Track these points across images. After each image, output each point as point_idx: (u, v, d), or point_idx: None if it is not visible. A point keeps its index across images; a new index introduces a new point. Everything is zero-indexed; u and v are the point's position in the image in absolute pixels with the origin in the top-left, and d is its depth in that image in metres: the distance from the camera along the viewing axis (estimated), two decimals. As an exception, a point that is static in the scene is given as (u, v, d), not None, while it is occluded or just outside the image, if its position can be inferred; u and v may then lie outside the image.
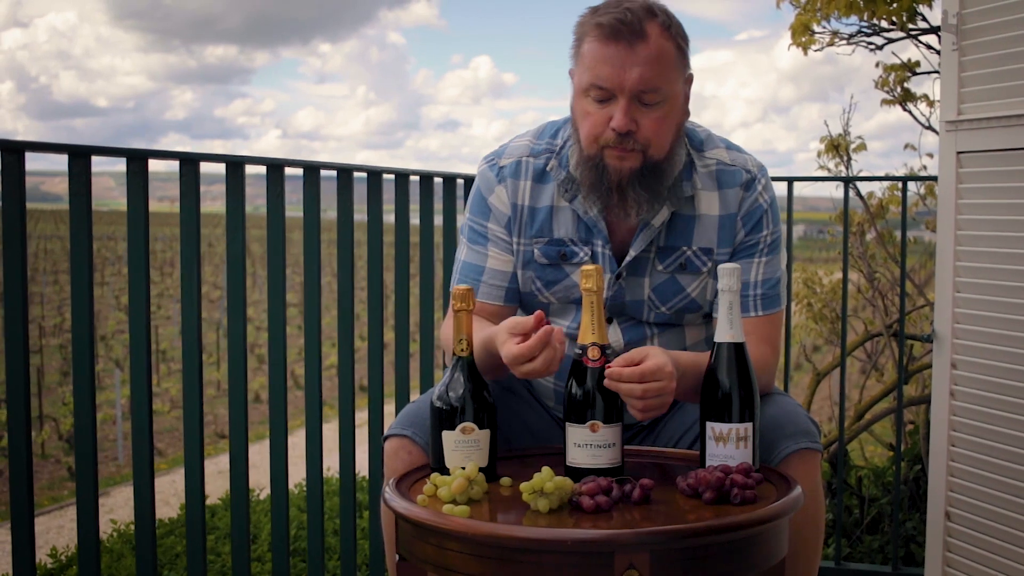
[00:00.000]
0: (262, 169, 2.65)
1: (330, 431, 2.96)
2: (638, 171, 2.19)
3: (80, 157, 2.14)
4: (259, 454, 3.50)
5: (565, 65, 2.27)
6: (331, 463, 3.07)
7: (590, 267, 2.03)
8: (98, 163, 2.19)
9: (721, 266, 2.04)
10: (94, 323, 2.17)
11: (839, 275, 5.40)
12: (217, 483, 5.16)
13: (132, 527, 4.76)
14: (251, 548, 4.23)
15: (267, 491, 4.96)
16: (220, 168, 2.53)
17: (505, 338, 2.05)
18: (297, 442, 4.08)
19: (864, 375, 5.64)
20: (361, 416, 3.11)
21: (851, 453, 4.89)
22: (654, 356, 2.01)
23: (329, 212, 2.93)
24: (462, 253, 2.42)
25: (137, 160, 2.26)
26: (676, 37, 2.17)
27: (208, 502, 4.89)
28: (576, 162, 2.26)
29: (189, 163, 2.40)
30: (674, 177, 2.26)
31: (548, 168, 2.33)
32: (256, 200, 2.93)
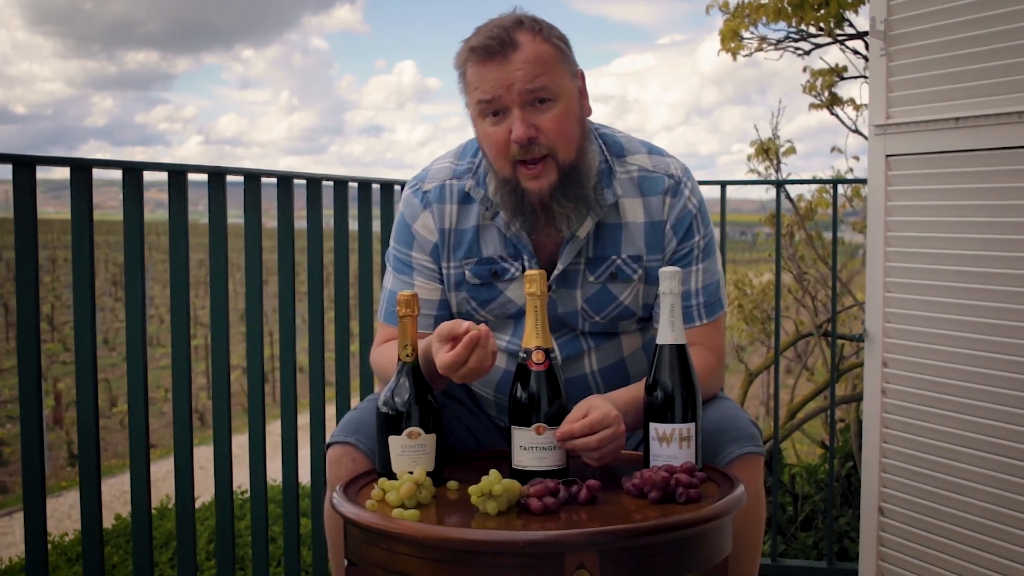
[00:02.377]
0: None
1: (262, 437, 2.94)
2: (557, 184, 2.19)
3: (25, 167, 2.12)
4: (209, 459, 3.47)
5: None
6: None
7: (533, 272, 2.05)
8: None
9: (662, 269, 2.06)
10: (40, 337, 2.15)
11: (768, 276, 5.50)
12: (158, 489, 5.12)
13: (66, 539, 4.71)
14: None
15: (201, 499, 4.92)
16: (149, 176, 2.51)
17: (437, 347, 2.06)
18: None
19: (792, 374, 5.74)
20: (300, 420, 3.11)
21: (783, 451, 4.96)
22: (596, 406, 2.05)
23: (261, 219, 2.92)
24: (388, 282, 2.42)
25: (81, 169, 2.24)
26: (551, 39, 2.19)
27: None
28: (495, 188, 2.26)
29: (132, 172, 2.38)
30: (593, 179, 2.26)
31: (468, 189, 2.33)
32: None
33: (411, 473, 1.97)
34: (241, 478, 2.94)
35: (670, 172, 2.33)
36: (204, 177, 2.64)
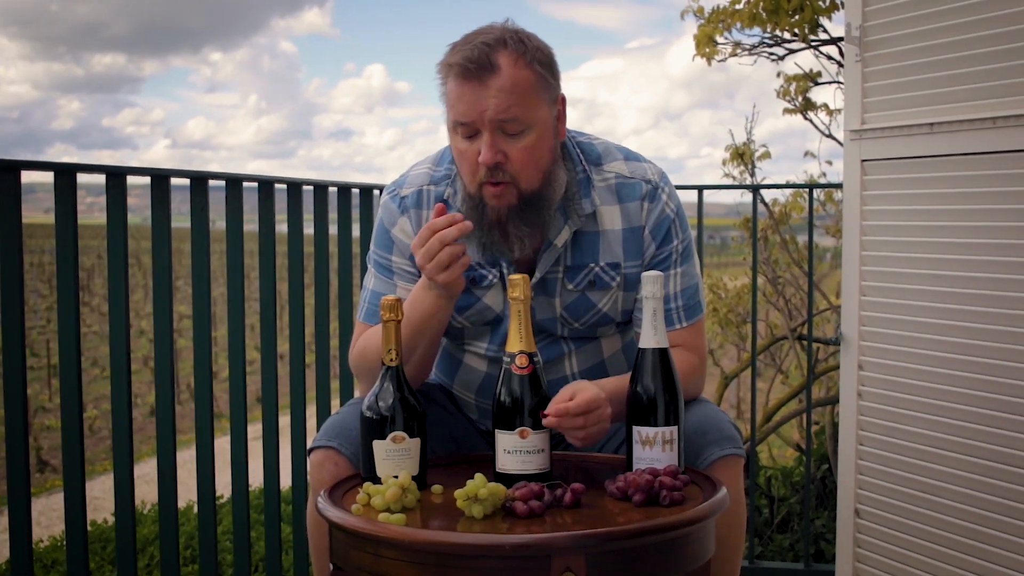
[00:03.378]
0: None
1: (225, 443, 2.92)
2: (516, 207, 2.20)
3: (10, 172, 2.11)
4: (152, 467, 3.45)
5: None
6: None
7: (516, 277, 2.06)
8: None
9: (644, 274, 2.07)
10: (25, 343, 2.14)
11: (742, 280, 5.53)
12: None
13: (40, 545, 4.68)
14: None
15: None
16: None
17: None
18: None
19: (763, 378, 5.77)
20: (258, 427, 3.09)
21: (758, 454, 4.99)
22: (584, 389, 2.07)
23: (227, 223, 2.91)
24: (370, 282, 2.43)
25: (65, 174, 2.24)
26: (533, 64, 2.16)
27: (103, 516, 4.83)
28: (461, 199, 2.28)
29: (116, 177, 2.38)
30: (557, 201, 2.27)
31: (446, 196, 2.34)
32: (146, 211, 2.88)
33: (396, 477, 1.97)
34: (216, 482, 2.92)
35: (647, 177, 2.35)
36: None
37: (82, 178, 2.40)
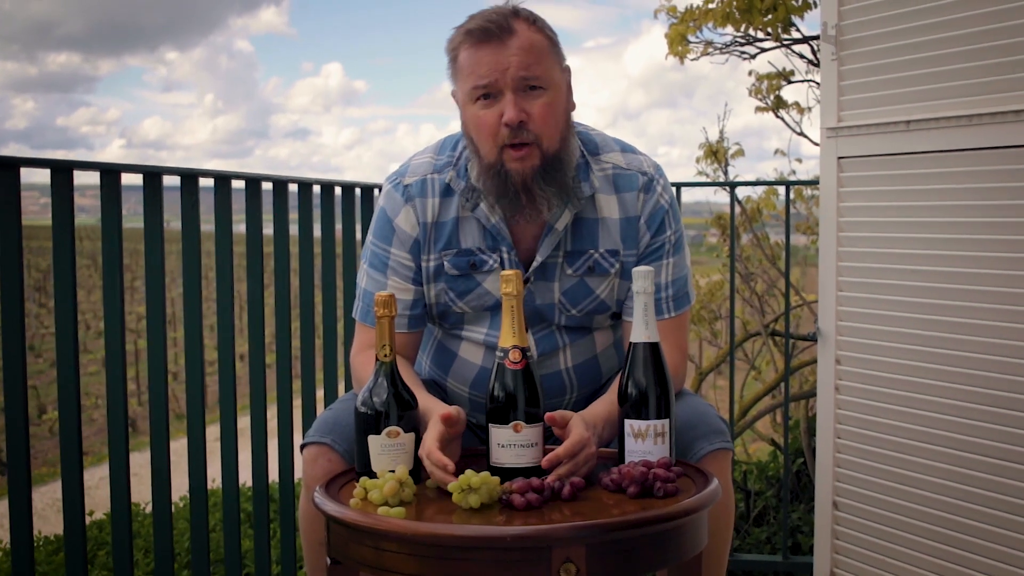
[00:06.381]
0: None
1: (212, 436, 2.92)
2: (539, 168, 2.24)
3: (8, 169, 2.11)
4: (142, 465, 3.44)
5: (415, 71, 2.40)
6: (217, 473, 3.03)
7: (509, 272, 2.08)
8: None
9: (635, 269, 2.10)
10: (25, 343, 2.14)
11: (716, 277, 5.57)
12: (92, 496, 5.06)
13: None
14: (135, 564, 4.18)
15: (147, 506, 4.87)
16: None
17: (434, 427, 2.07)
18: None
19: (736, 375, 5.81)
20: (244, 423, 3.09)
21: (734, 449, 5.03)
22: (572, 428, 2.06)
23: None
24: (363, 281, 2.45)
25: (63, 171, 2.23)
26: (544, 30, 2.27)
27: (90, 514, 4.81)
28: (478, 174, 2.30)
29: (110, 174, 2.38)
30: (573, 170, 2.32)
31: (449, 181, 2.37)
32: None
33: (392, 472, 1.99)
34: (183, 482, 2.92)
35: (643, 170, 2.41)
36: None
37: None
